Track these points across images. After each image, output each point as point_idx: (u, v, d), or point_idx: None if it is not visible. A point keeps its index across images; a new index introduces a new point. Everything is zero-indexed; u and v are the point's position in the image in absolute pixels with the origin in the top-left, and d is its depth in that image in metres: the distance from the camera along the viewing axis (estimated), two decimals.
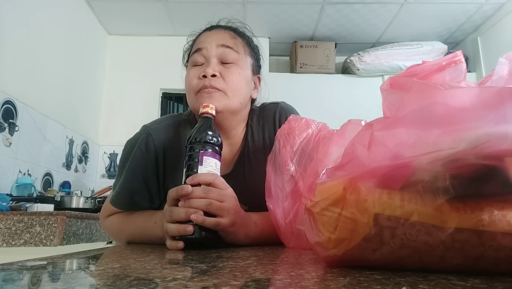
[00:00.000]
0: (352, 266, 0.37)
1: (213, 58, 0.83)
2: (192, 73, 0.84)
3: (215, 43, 0.84)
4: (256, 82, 0.94)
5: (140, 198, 0.85)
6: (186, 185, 0.63)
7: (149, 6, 2.79)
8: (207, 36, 0.87)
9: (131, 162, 0.85)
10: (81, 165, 2.73)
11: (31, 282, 0.33)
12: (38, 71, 2.19)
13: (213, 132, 0.69)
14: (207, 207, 0.63)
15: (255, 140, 0.90)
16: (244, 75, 0.86)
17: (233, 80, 0.82)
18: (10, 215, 1.29)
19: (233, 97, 0.82)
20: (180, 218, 0.62)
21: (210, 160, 0.66)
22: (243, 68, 0.86)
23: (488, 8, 2.84)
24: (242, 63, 0.86)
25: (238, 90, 0.84)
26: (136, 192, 0.84)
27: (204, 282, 0.30)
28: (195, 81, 0.83)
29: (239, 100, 0.84)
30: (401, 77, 0.39)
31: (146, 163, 0.84)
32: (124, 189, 0.84)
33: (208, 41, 0.85)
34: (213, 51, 0.84)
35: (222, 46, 0.84)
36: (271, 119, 0.91)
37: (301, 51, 3.20)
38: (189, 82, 0.85)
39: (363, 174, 0.35)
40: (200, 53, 0.85)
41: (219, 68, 0.83)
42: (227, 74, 0.82)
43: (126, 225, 0.84)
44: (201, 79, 0.82)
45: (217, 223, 0.63)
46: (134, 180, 0.84)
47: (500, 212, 0.31)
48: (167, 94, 3.20)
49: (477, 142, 0.30)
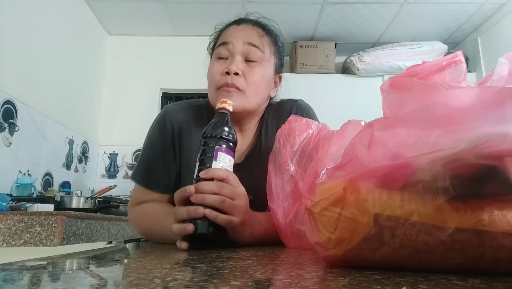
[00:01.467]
0: (352, 266, 0.37)
1: (237, 55, 0.84)
2: (215, 67, 0.86)
3: (242, 39, 0.85)
4: (277, 81, 0.96)
5: (158, 172, 0.88)
6: (190, 186, 0.63)
7: (149, 6, 2.79)
8: (235, 30, 0.88)
9: (150, 138, 0.90)
10: (81, 165, 2.73)
11: (31, 282, 0.33)
12: (38, 71, 2.19)
13: (230, 128, 0.68)
14: (220, 204, 0.62)
15: (268, 135, 0.92)
16: (265, 75, 0.88)
17: (255, 82, 0.84)
18: (10, 215, 1.28)
19: (251, 98, 0.85)
20: (182, 217, 0.62)
21: (225, 156, 0.66)
22: (266, 69, 0.88)
23: (488, 8, 2.84)
24: (266, 63, 0.88)
25: (257, 92, 0.86)
26: (154, 165, 0.88)
27: (204, 282, 0.30)
28: (217, 76, 0.84)
29: (257, 101, 0.87)
30: (401, 77, 0.39)
31: (164, 139, 0.89)
32: (143, 162, 0.89)
33: (235, 36, 0.86)
34: (239, 47, 0.85)
35: (249, 44, 0.85)
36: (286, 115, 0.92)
37: (301, 51, 3.20)
38: (211, 76, 0.86)
39: (363, 174, 0.35)
40: (226, 47, 0.86)
41: (243, 66, 0.84)
42: (249, 74, 0.84)
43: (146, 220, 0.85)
44: (224, 76, 0.83)
45: (229, 221, 0.63)
46: (152, 154, 0.89)
47: (500, 212, 0.31)
48: (167, 94, 3.20)
49: (477, 142, 0.30)
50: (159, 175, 0.88)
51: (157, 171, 0.88)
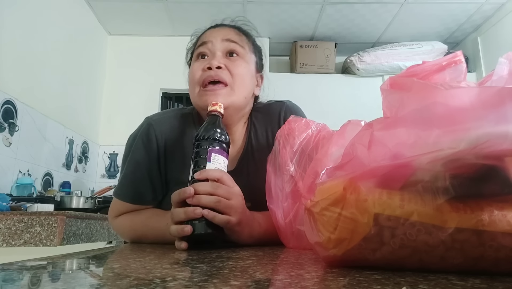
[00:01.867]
0: (352, 266, 0.37)
1: (218, 52, 0.83)
2: (196, 66, 0.84)
3: (221, 37, 0.85)
4: (259, 80, 0.94)
5: (143, 189, 0.84)
6: (189, 187, 0.63)
7: (149, 6, 2.79)
8: (213, 31, 0.88)
9: (133, 152, 0.85)
10: (81, 165, 2.73)
11: (31, 282, 0.33)
12: (38, 71, 2.19)
13: (222, 130, 0.69)
14: (216, 204, 0.62)
15: (259, 138, 0.90)
16: (249, 68, 0.86)
17: (239, 73, 0.82)
18: (10, 215, 1.28)
19: (238, 92, 0.82)
20: (180, 218, 0.62)
21: (218, 157, 0.66)
22: (248, 63, 0.87)
23: (488, 8, 2.84)
24: (248, 58, 0.87)
25: (244, 84, 0.84)
26: (139, 182, 0.84)
27: (204, 282, 0.30)
28: (199, 73, 0.82)
29: (244, 95, 0.84)
30: (401, 77, 0.39)
31: (148, 153, 0.84)
32: (127, 180, 0.84)
33: (214, 36, 0.85)
34: (218, 45, 0.84)
35: (228, 40, 0.84)
36: (275, 118, 0.92)
37: (301, 51, 3.20)
38: (192, 74, 0.84)
39: (363, 173, 0.35)
40: (205, 47, 0.85)
41: (224, 60, 0.82)
42: (232, 67, 0.82)
43: (138, 226, 0.83)
44: (206, 71, 0.81)
45: (227, 221, 0.63)
46: (136, 171, 0.84)
47: (500, 212, 0.31)
48: (167, 94, 3.20)
49: (477, 142, 0.30)
50: (145, 191, 0.84)
51: (143, 188, 0.84)
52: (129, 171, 0.84)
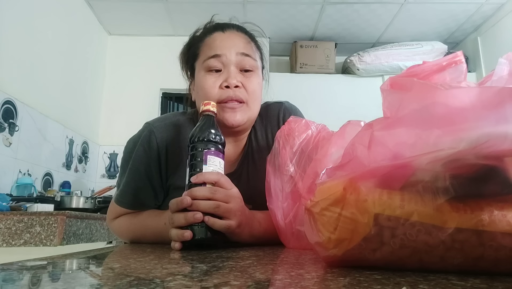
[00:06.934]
0: (352, 266, 0.37)
1: (232, 66, 0.82)
2: (210, 81, 0.82)
3: (235, 50, 0.82)
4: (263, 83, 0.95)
5: (144, 195, 0.85)
6: (186, 197, 0.62)
7: (149, 6, 2.79)
8: (223, 40, 0.85)
9: (134, 160, 0.84)
10: (81, 165, 2.73)
11: (31, 282, 0.33)
12: (38, 71, 2.19)
13: (216, 130, 0.68)
14: (215, 210, 0.62)
15: (258, 140, 0.91)
16: (260, 82, 0.88)
17: (255, 91, 0.84)
18: (10, 215, 1.28)
19: (253, 107, 0.84)
20: (180, 223, 0.62)
21: (214, 159, 0.66)
22: (259, 76, 0.88)
23: (488, 8, 2.84)
24: (259, 70, 0.88)
25: (258, 99, 0.86)
26: (141, 190, 0.84)
27: (204, 282, 0.30)
28: (215, 90, 0.81)
29: (257, 108, 0.87)
30: (401, 78, 0.39)
31: (149, 161, 0.84)
32: (128, 187, 0.84)
33: (227, 47, 0.83)
34: (232, 59, 0.82)
35: (242, 54, 0.83)
36: (275, 119, 0.92)
37: (301, 51, 3.20)
38: (208, 91, 0.81)
39: (363, 174, 0.35)
40: (219, 60, 0.82)
41: (240, 77, 0.82)
42: (248, 84, 0.83)
43: (136, 227, 0.84)
44: (223, 90, 0.81)
45: (227, 226, 0.63)
46: (138, 178, 0.84)
47: (500, 212, 0.31)
48: (167, 94, 3.20)
49: (477, 142, 0.30)
50: (146, 198, 0.85)
51: (144, 195, 0.85)
52: (131, 178, 0.84)
